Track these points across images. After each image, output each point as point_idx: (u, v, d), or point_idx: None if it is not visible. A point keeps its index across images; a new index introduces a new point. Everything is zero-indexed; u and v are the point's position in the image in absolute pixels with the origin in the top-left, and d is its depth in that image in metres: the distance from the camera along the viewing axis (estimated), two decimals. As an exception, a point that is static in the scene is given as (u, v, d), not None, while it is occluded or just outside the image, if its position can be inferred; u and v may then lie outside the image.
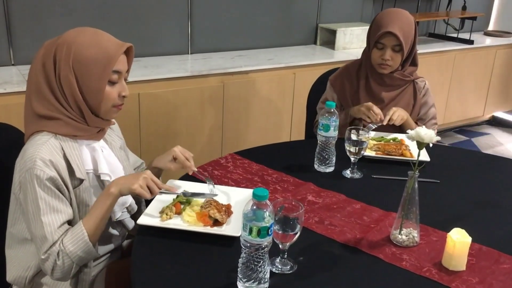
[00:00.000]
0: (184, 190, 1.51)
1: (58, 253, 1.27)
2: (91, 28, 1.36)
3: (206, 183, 1.57)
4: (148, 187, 1.36)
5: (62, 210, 1.30)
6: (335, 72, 2.23)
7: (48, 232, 1.27)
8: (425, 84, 2.16)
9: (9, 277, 1.41)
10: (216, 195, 1.51)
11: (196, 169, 1.56)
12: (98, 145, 1.43)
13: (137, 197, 1.56)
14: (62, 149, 1.33)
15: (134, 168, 1.67)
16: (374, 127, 1.91)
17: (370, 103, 1.99)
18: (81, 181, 1.36)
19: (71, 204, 1.34)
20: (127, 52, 1.39)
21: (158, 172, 1.58)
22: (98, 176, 1.42)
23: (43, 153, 1.27)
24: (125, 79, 1.41)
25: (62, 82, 1.31)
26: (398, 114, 1.97)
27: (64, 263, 1.28)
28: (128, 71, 1.41)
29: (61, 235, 1.29)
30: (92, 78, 1.31)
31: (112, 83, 1.35)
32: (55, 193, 1.29)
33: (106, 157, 1.44)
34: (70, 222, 1.34)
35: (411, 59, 2.09)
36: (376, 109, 1.97)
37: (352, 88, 2.14)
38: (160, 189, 1.40)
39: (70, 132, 1.34)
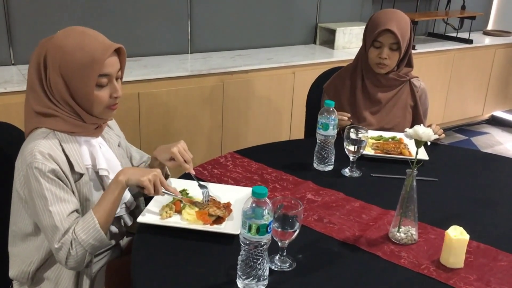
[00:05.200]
0: (183, 197, 1.48)
1: (71, 242, 1.28)
2: (79, 28, 1.34)
3: (202, 182, 1.56)
4: (154, 185, 1.37)
5: (69, 199, 1.31)
6: (329, 80, 2.24)
7: (58, 221, 1.28)
8: (421, 84, 2.17)
9: (12, 273, 1.42)
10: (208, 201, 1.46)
11: (193, 173, 1.55)
12: (96, 142, 1.44)
13: (135, 194, 1.56)
14: (60, 144, 1.34)
15: (139, 164, 1.67)
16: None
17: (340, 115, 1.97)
18: (81, 175, 1.37)
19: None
20: (118, 51, 1.36)
21: (160, 164, 1.56)
22: (97, 172, 1.43)
23: (41, 147, 1.29)
24: (120, 78, 1.39)
25: (51, 86, 1.32)
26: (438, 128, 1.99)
27: (77, 252, 1.29)
28: (121, 69, 1.39)
29: (71, 224, 1.30)
30: (79, 83, 1.31)
31: (100, 86, 1.34)
32: (60, 184, 1.30)
33: (104, 154, 1.45)
34: (78, 212, 1.35)
35: (406, 60, 2.10)
36: (340, 116, 1.96)
37: (347, 92, 2.14)
38: (165, 190, 1.40)
39: (67, 128, 1.35)
